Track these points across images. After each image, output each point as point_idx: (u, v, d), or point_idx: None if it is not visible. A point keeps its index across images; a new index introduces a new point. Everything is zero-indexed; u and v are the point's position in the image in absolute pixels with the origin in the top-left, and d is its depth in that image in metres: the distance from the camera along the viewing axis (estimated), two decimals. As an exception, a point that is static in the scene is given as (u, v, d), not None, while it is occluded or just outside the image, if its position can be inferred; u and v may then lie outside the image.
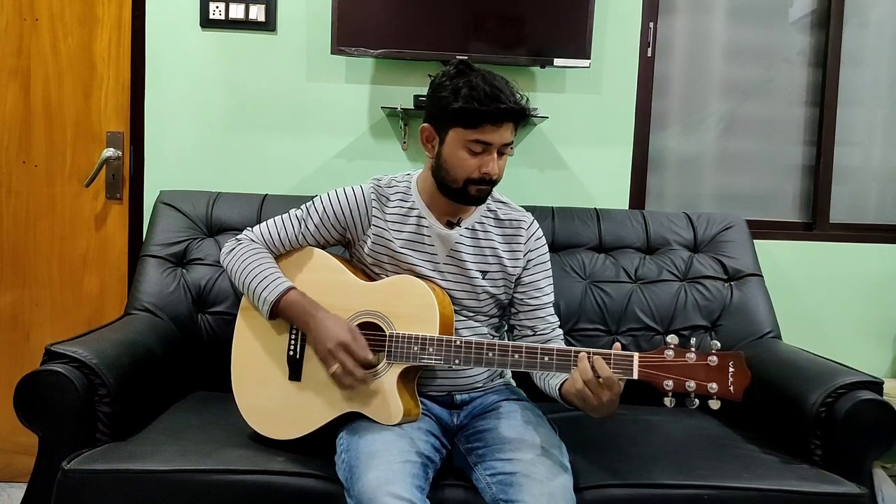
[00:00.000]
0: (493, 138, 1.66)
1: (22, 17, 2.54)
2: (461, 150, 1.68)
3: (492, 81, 1.65)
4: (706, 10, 2.82)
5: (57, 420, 1.73)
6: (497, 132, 1.66)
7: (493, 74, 1.69)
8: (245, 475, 1.65)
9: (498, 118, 1.64)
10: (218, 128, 2.59)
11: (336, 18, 2.42)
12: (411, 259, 1.76)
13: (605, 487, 1.68)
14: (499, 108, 1.63)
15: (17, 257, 2.60)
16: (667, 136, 2.82)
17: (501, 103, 1.63)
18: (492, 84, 1.65)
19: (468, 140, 1.67)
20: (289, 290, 1.72)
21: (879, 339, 2.78)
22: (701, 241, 2.44)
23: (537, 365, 1.59)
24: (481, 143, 1.66)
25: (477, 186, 1.70)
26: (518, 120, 1.69)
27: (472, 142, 1.66)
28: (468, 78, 1.66)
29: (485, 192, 1.73)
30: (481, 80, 1.65)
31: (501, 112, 1.64)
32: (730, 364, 1.48)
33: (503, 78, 1.69)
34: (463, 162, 1.68)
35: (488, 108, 1.63)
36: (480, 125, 1.65)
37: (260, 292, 1.73)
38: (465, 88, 1.64)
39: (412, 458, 1.55)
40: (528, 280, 1.82)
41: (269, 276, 1.74)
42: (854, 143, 2.87)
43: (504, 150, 1.70)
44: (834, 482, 1.73)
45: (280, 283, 1.73)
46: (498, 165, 1.70)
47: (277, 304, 1.71)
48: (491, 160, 1.68)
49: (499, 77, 1.69)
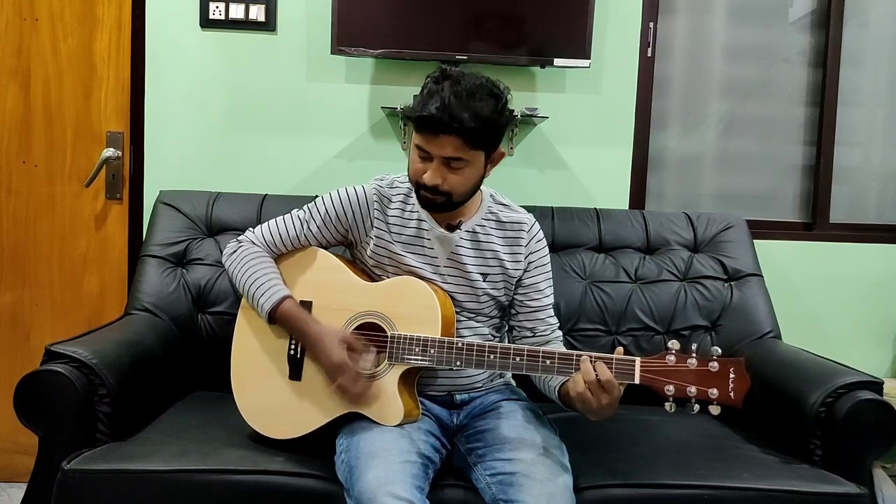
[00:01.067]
0: (431, 148, 1.63)
1: (22, 17, 2.54)
2: (413, 151, 1.69)
3: (454, 92, 1.59)
4: (706, 10, 2.82)
5: (57, 420, 1.73)
6: (435, 142, 1.62)
7: (466, 87, 1.60)
8: (245, 475, 1.65)
9: (426, 127, 1.61)
10: (218, 128, 2.59)
11: (336, 18, 2.42)
12: (412, 261, 1.76)
13: (605, 487, 1.68)
14: (422, 115, 1.60)
15: (17, 257, 2.60)
16: (667, 136, 2.82)
17: (425, 111, 1.59)
18: (449, 95, 1.59)
19: (415, 143, 1.67)
20: (283, 300, 1.72)
21: (879, 339, 2.78)
22: (701, 241, 2.44)
23: (539, 368, 1.59)
24: (421, 149, 1.66)
25: (420, 192, 1.70)
26: (450, 133, 1.59)
27: (416, 146, 1.67)
28: (441, 84, 1.62)
29: (432, 200, 1.69)
30: (445, 88, 1.60)
31: (425, 121, 1.60)
32: (730, 370, 1.48)
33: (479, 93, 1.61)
34: (413, 164, 1.69)
35: (419, 115, 1.61)
36: (420, 131, 1.64)
37: (258, 299, 1.74)
38: (426, 91, 1.64)
39: (412, 458, 1.55)
40: (529, 282, 1.82)
41: (266, 283, 1.74)
42: (854, 143, 2.87)
43: (451, 164, 1.64)
44: (834, 482, 1.73)
45: (276, 292, 1.73)
46: (445, 178, 1.65)
47: (273, 312, 1.72)
48: (429, 168, 1.65)
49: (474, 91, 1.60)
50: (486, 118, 1.61)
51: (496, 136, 1.68)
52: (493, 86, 1.66)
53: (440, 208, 1.72)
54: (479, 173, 1.71)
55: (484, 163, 1.70)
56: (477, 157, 1.66)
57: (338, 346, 1.66)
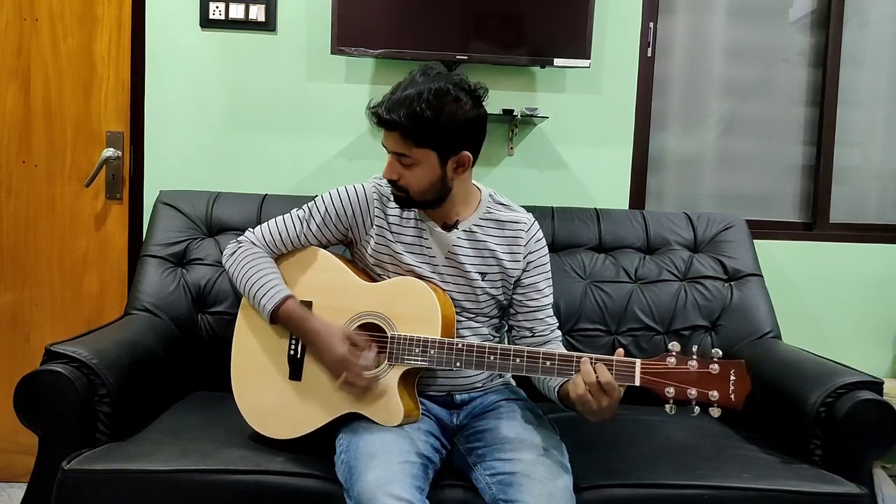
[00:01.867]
0: (385, 141, 1.69)
1: (22, 17, 2.54)
2: None
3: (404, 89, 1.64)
4: (706, 10, 2.82)
5: (57, 420, 1.73)
6: (386, 136, 1.68)
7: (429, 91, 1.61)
8: (245, 475, 1.65)
9: (375, 121, 1.67)
10: (218, 128, 2.59)
11: (336, 18, 2.42)
12: (410, 260, 1.76)
13: (605, 487, 1.68)
14: (368, 106, 1.68)
15: (17, 257, 2.60)
16: (667, 136, 2.82)
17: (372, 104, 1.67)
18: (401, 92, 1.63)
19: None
20: (286, 300, 1.72)
21: (879, 339, 2.78)
22: (701, 241, 2.44)
23: (539, 369, 1.59)
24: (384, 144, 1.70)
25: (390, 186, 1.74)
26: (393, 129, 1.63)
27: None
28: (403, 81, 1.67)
29: (397, 195, 1.72)
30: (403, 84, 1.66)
31: (371, 112, 1.67)
32: (731, 372, 1.48)
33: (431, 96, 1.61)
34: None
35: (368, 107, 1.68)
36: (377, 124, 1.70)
37: (259, 299, 1.74)
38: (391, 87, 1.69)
39: (412, 458, 1.55)
40: (528, 282, 1.82)
41: (267, 283, 1.74)
42: (854, 143, 2.87)
43: (401, 159, 1.66)
44: (834, 482, 1.73)
45: (278, 292, 1.73)
46: (401, 174, 1.68)
47: (275, 312, 1.72)
48: (387, 163, 1.70)
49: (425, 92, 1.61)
50: (426, 118, 1.60)
51: (443, 138, 1.64)
52: (456, 91, 1.64)
53: (404, 204, 1.74)
54: (436, 174, 1.67)
55: (439, 164, 1.67)
56: (425, 155, 1.65)
57: (341, 341, 1.66)
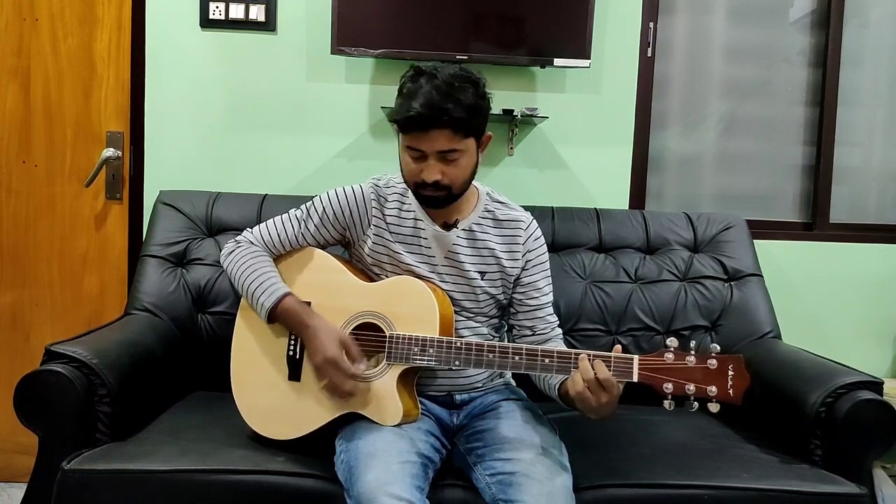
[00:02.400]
0: (424, 145, 1.63)
1: (22, 17, 2.54)
2: (405, 153, 1.68)
3: (434, 86, 1.60)
4: (706, 10, 2.82)
5: (57, 420, 1.73)
6: (426, 139, 1.62)
7: (448, 77, 1.61)
8: (245, 475, 1.65)
9: (419, 125, 1.61)
10: (218, 128, 2.59)
11: (336, 18, 2.42)
12: (409, 260, 1.76)
13: (605, 487, 1.68)
14: (408, 115, 1.60)
15: (17, 257, 2.60)
16: (667, 136, 2.82)
17: (411, 111, 1.59)
18: (430, 90, 1.60)
19: (405, 145, 1.67)
20: (284, 297, 1.72)
21: (879, 339, 2.78)
22: (701, 241, 2.44)
23: (538, 367, 1.59)
24: (415, 150, 1.65)
25: (422, 191, 1.69)
26: (440, 127, 1.60)
27: (407, 147, 1.67)
28: (418, 82, 1.63)
29: (430, 196, 1.69)
30: (423, 84, 1.61)
31: (412, 120, 1.60)
32: (729, 367, 1.48)
33: (457, 83, 1.61)
34: (407, 166, 1.69)
35: (403, 116, 1.61)
36: (409, 131, 1.64)
37: (258, 297, 1.73)
38: (405, 92, 1.64)
39: (412, 458, 1.55)
40: (527, 280, 1.82)
41: (266, 282, 1.74)
42: (854, 143, 2.87)
43: (447, 156, 1.64)
44: (834, 482, 1.73)
45: (276, 290, 1.73)
46: (444, 171, 1.65)
47: (274, 310, 1.71)
48: (427, 166, 1.65)
49: (452, 81, 1.61)
50: (470, 105, 1.62)
51: (483, 120, 1.69)
52: (468, 73, 1.67)
53: (442, 203, 1.71)
54: (474, 160, 1.71)
55: (476, 150, 1.71)
56: (469, 144, 1.67)
57: (335, 343, 1.66)
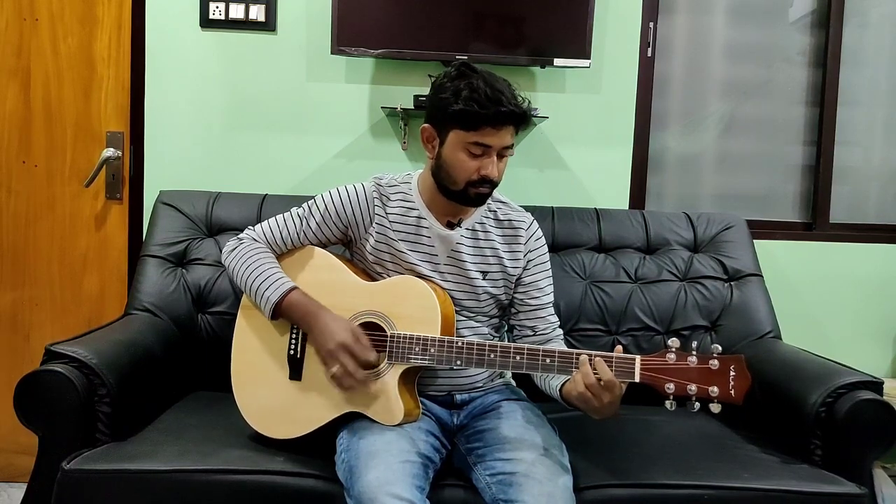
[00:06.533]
0: (493, 141, 1.66)
1: (22, 17, 2.54)
2: (461, 151, 1.68)
3: (493, 84, 1.65)
4: (706, 10, 2.82)
5: (57, 420, 1.73)
6: (497, 135, 1.66)
7: (495, 77, 1.68)
8: (245, 475, 1.65)
9: (497, 121, 1.64)
10: (218, 128, 2.59)
11: (336, 18, 2.42)
12: (412, 258, 1.76)
13: (605, 487, 1.68)
14: (499, 111, 1.63)
15: (17, 257, 2.60)
16: (667, 136, 2.82)
17: (501, 106, 1.62)
18: (493, 86, 1.64)
19: (467, 142, 1.66)
20: (291, 290, 1.72)
21: (879, 339, 2.78)
22: (701, 241, 2.44)
23: (539, 367, 1.59)
24: (481, 146, 1.66)
25: (476, 189, 1.70)
26: (518, 123, 1.68)
27: (472, 144, 1.66)
28: (469, 80, 1.65)
29: (484, 194, 1.72)
30: (482, 83, 1.64)
31: (501, 115, 1.63)
32: (731, 368, 1.48)
33: (505, 80, 1.68)
34: (463, 164, 1.68)
35: (488, 111, 1.62)
36: (480, 128, 1.64)
37: (263, 292, 1.73)
38: (466, 90, 1.64)
39: (412, 458, 1.55)
40: (529, 280, 1.82)
41: (271, 276, 1.74)
42: (854, 143, 2.87)
43: (504, 152, 1.70)
44: (834, 482, 1.73)
45: (283, 283, 1.73)
46: (498, 168, 1.69)
47: (280, 303, 1.71)
48: (490, 163, 1.67)
49: (500, 79, 1.68)
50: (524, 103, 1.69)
51: None
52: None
53: (486, 199, 1.75)
54: None
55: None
56: None
57: (347, 330, 1.66)
